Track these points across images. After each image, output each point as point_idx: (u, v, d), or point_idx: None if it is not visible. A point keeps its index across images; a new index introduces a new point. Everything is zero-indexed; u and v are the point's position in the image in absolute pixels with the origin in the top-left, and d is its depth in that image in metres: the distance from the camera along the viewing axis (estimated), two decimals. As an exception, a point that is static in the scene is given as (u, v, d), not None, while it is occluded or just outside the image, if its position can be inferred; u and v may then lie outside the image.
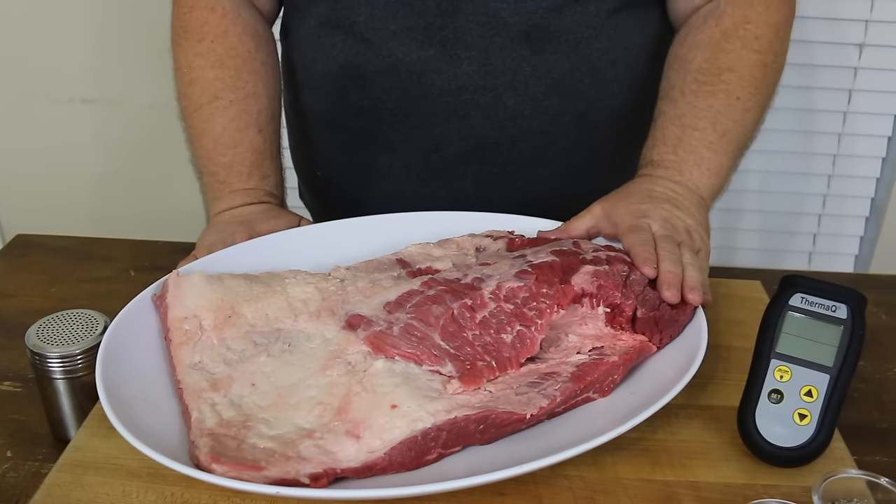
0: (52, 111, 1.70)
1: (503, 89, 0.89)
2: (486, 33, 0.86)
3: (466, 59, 0.87)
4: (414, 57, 0.87)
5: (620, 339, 0.66)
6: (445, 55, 0.87)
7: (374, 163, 0.97)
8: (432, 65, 0.87)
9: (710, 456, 0.63)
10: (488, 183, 0.95)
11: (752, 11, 0.85)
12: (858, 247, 1.72)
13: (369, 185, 0.99)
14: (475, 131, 0.91)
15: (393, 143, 0.94)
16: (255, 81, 0.92)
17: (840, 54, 1.52)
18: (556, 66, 0.88)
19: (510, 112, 0.90)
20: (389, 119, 0.93)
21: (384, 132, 0.94)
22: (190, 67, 0.91)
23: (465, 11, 0.85)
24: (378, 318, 0.67)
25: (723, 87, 0.83)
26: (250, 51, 0.92)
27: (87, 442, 0.65)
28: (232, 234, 0.82)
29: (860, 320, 0.61)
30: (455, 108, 0.90)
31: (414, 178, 0.96)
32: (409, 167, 0.95)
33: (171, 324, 0.68)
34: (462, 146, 0.92)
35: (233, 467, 0.54)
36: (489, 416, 0.58)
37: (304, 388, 0.62)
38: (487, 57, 0.87)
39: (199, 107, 0.91)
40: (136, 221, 1.75)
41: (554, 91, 0.89)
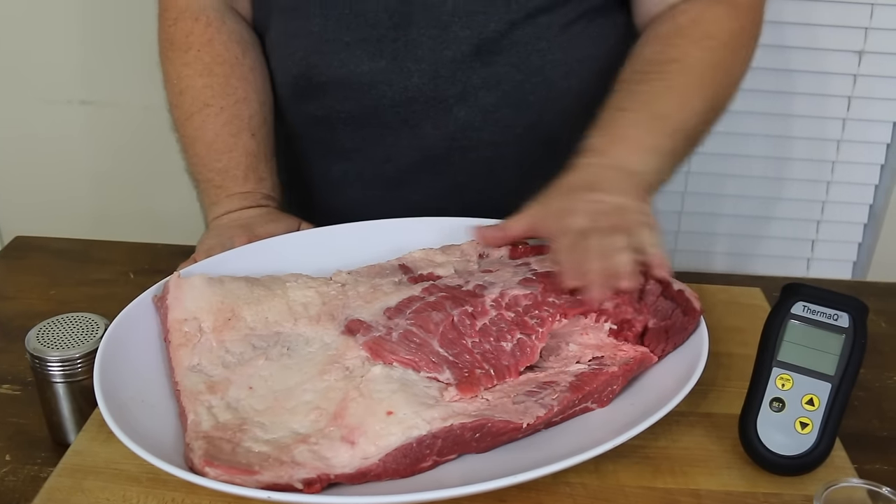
0: (50, 113, 1.70)
1: (453, 101, 0.89)
2: (437, 46, 0.86)
3: (416, 71, 0.87)
4: (365, 68, 0.88)
5: (621, 349, 0.66)
6: (396, 67, 0.87)
7: (330, 171, 0.98)
8: (383, 76, 0.88)
9: (712, 464, 0.63)
10: (440, 193, 0.95)
11: (710, 13, 0.85)
12: (857, 253, 1.72)
13: (327, 192, 1.00)
14: (426, 142, 0.91)
15: (347, 153, 0.95)
16: (244, 87, 0.92)
17: (840, 61, 1.52)
18: (506, 77, 0.88)
19: (460, 124, 0.90)
20: (343, 129, 0.93)
21: (339, 141, 0.95)
22: (179, 78, 0.92)
23: (417, 24, 0.86)
24: (377, 323, 0.67)
25: (664, 75, 0.82)
26: (237, 57, 0.92)
27: (87, 446, 0.64)
28: (231, 238, 0.82)
29: (862, 329, 0.61)
30: (405, 118, 0.90)
31: (368, 186, 0.97)
32: (362, 176, 0.96)
33: (170, 325, 0.68)
34: (413, 156, 0.93)
35: (226, 471, 0.54)
36: (485, 424, 0.58)
37: (300, 393, 0.62)
38: (437, 69, 0.87)
39: (190, 115, 0.91)
40: (134, 223, 1.74)
41: (504, 103, 0.89)
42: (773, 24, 1.50)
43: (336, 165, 0.97)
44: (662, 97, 0.81)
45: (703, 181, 1.65)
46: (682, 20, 0.85)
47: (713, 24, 0.84)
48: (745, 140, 1.60)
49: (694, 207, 1.67)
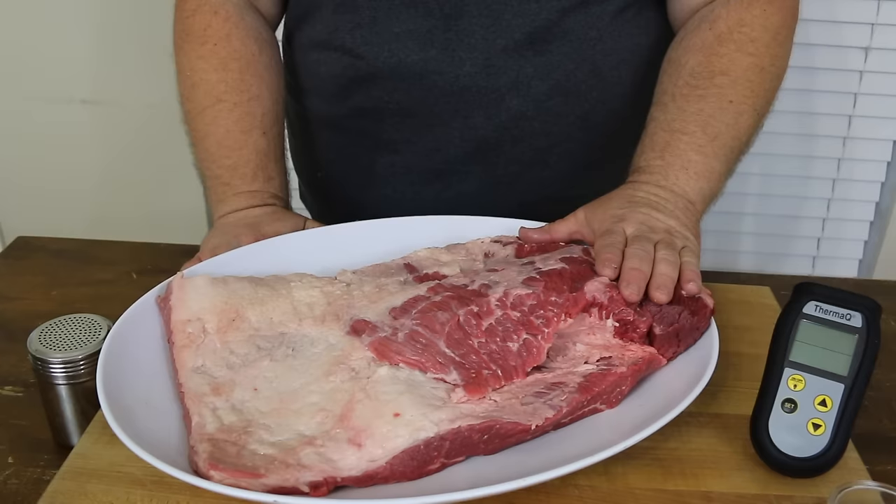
0: (51, 112, 1.69)
1: (505, 90, 0.88)
2: (489, 35, 0.86)
3: (469, 60, 0.87)
4: (416, 58, 0.87)
5: (629, 349, 0.65)
6: (448, 56, 0.87)
7: (376, 164, 0.97)
8: (434, 66, 0.87)
9: (723, 465, 0.62)
10: (490, 184, 0.94)
11: (748, 14, 0.84)
12: (863, 251, 1.71)
13: (371, 186, 0.98)
14: (477, 132, 0.91)
15: (395, 145, 0.94)
16: (258, 84, 0.91)
17: (845, 58, 1.52)
18: (558, 67, 0.88)
19: (512, 113, 0.90)
20: (391, 120, 0.92)
21: (386, 133, 0.94)
22: (193, 71, 0.91)
23: (469, 14, 0.85)
24: (383, 323, 0.66)
25: (714, 90, 0.81)
26: (254, 54, 0.91)
27: (90, 449, 0.64)
28: (237, 237, 0.82)
29: (875, 329, 0.60)
30: (457, 109, 0.89)
31: (415, 179, 0.96)
32: (410, 168, 0.95)
33: (174, 326, 0.67)
34: (464, 147, 0.92)
35: (231, 474, 0.53)
36: (493, 426, 0.57)
37: (306, 394, 0.61)
38: (490, 58, 0.87)
39: (202, 110, 0.90)
40: (137, 222, 1.74)
41: (556, 92, 0.89)
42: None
43: (383, 158, 0.96)
44: (717, 116, 0.80)
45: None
46: (722, 26, 0.84)
47: (755, 27, 0.83)
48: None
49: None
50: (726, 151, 0.81)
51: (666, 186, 0.79)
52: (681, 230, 0.75)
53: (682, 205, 0.78)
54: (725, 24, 0.84)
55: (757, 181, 1.64)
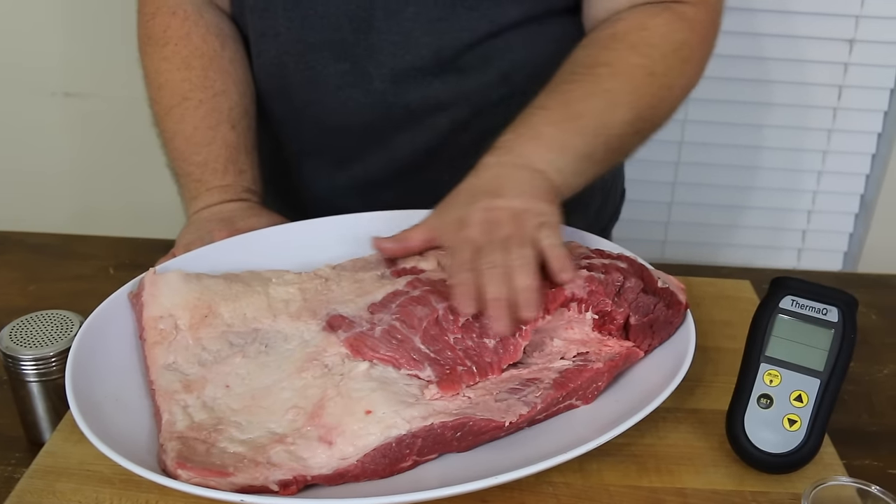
0: (34, 105, 1.68)
1: (415, 105, 0.87)
2: (398, 52, 0.85)
3: (378, 76, 0.86)
4: (331, 71, 0.87)
5: (607, 344, 0.65)
6: (359, 71, 0.86)
7: (300, 170, 0.97)
8: (347, 79, 0.87)
9: (698, 461, 0.62)
10: (410, 194, 0.90)
11: (652, 21, 0.81)
12: (848, 244, 1.71)
13: (295, 191, 0.99)
14: (392, 144, 0.90)
15: (314, 153, 0.95)
16: (223, 79, 0.91)
17: (830, 50, 1.51)
18: (467, 81, 0.87)
19: (424, 127, 0.89)
20: (309, 129, 0.93)
21: (306, 141, 0.94)
22: (157, 72, 0.91)
23: (378, 30, 0.84)
24: (360, 319, 0.65)
25: (590, 77, 0.77)
26: (216, 50, 0.91)
27: (60, 447, 0.63)
28: (210, 232, 0.81)
29: (851, 323, 0.60)
30: (370, 121, 0.89)
31: (336, 186, 0.96)
32: (330, 176, 0.96)
33: (145, 323, 0.66)
34: (381, 158, 0.92)
35: (199, 473, 0.53)
36: (466, 422, 0.57)
37: (278, 391, 0.60)
38: (398, 75, 0.86)
39: (169, 109, 0.90)
40: (118, 217, 1.72)
41: (468, 107, 0.88)
42: (758, 12, 1.48)
43: (305, 162, 0.96)
44: (584, 98, 0.76)
45: (691, 171, 1.63)
46: (621, 26, 0.81)
47: (655, 33, 0.80)
48: (734, 129, 1.59)
49: (683, 197, 1.66)
50: (589, 133, 0.75)
51: (508, 161, 0.73)
52: (529, 206, 0.68)
53: (527, 176, 0.72)
54: (625, 25, 0.81)
55: (742, 173, 1.64)
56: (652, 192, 1.65)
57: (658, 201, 1.67)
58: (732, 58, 1.50)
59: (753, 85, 1.54)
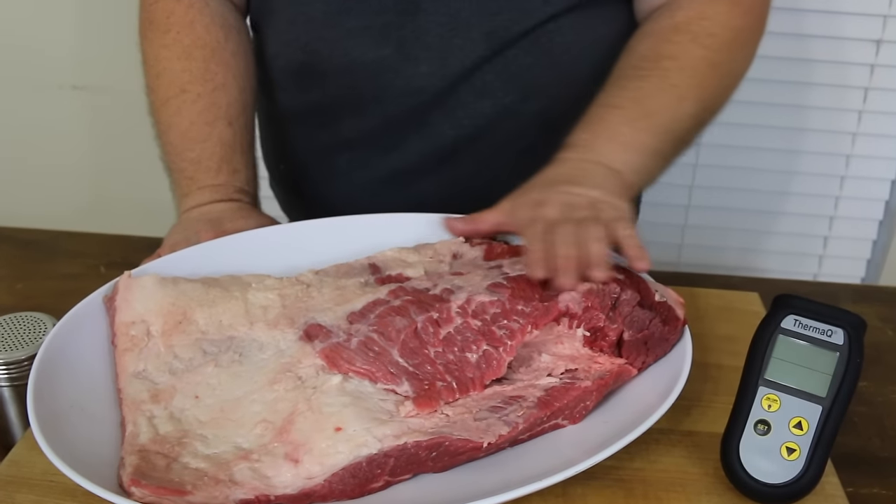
0: (41, 98, 1.67)
1: (461, 89, 0.85)
2: (446, 34, 0.82)
3: (425, 59, 0.83)
4: (370, 57, 0.84)
5: (597, 361, 0.61)
6: (402, 56, 0.83)
7: (335, 160, 0.94)
8: (389, 64, 0.84)
9: (690, 489, 0.58)
10: (448, 183, 0.91)
11: (711, 9, 0.80)
12: (871, 251, 1.66)
13: (329, 182, 0.96)
14: (434, 130, 0.88)
15: (352, 142, 0.91)
16: (224, 73, 0.88)
17: (856, 51, 1.46)
18: (514, 62, 0.84)
19: (468, 111, 0.86)
20: (348, 118, 0.90)
21: (343, 131, 0.91)
22: (157, 60, 0.88)
23: (426, 11, 0.82)
24: (338, 328, 0.62)
25: (658, 72, 0.77)
26: (219, 41, 0.88)
27: (24, 456, 0.61)
28: (197, 233, 0.78)
29: (858, 347, 0.56)
30: (413, 108, 0.86)
31: (374, 177, 0.93)
32: (368, 166, 0.92)
33: (117, 328, 0.64)
34: (420, 146, 0.89)
35: (153, 491, 0.50)
36: (442, 442, 0.54)
37: (248, 403, 0.58)
38: (447, 58, 0.83)
39: (166, 100, 0.87)
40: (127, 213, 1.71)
41: (515, 89, 0.85)
42: (789, 12, 1.43)
43: (340, 155, 0.93)
44: (654, 95, 0.77)
45: (711, 174, 1.59)
46: (681, 16, 0.81)
47: (714, 22, 0.80)
48: (756, 132, 1.54)
49: (702, 201, 1.62)
50: (661, 131, 0.76)
51: (588, 158, 0.74)
52: (607, 198, 0.69)
53: (605, 172, 0.73)
54: (685, 14, 0.80)
55: (763, 177, 1.59)
56: (669, 195, 1.61)
57: (675, 204, 1.63)
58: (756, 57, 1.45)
59: (776, 86, 1.50)
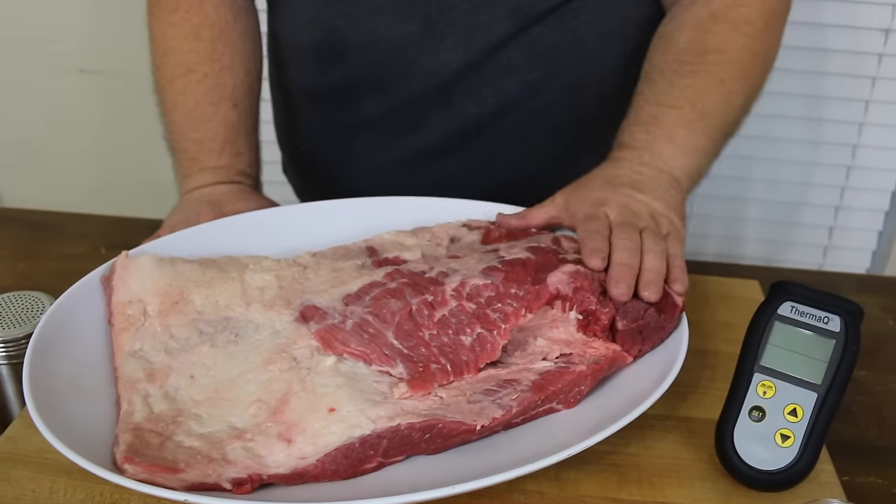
0: (49, 82, 1.67)
1: (485, 66, 0.84)
2: (472, 10, 0.81)
3: (450, 35, 0.82)
4: (395, 33, 0.83)
5: (592, 346, 0.61)
6: (428, 31, 0.82)
7: (355, 141, 0.93)
8: (414, 41, 0.83)
9: (684, 474, 0.58)
10: (471, 162, 0.90)
11: None
12: (876, 242, 1.65)
13: (349, 163, 0.95)
14: (457, 108, 0.87)
15: (373, 122, 0.90)
16: (231, 53, 0.87)
17: (862, 41, 1.45)
18: (539, 39, 0.83)
19: (493, 89, 0.85)
20: (369, 97, 0.88)
21: (364, 110, 0.90)
22: (164, 38, 0.87)
23: None
24: (334, 310, 0.62)
25: (706, 67, 0.77)
26: (227, 21, 0.87)
27: (21, 433, 0.61)
28: (197, 215, 0.78)
29: (854, 334, 0.56)
30: (437, 85, 0.85)
31: (394, 158, 0.92)
32: (389, 146, 0.91)
33: (114, 308, 0.64)
34: (443, 125, 0.88)
35: (146, 468, 0.50)
36: (435, 424, 0.54)
37: (243, 383, 0.58)
38: (472, 34, 0.82)
39: (171, 79, 0.87)
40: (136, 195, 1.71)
41: (540, 66, 0.85)
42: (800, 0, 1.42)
43: (360, 136, 0.92)
44: (706, 93, 0.77)
45: (716, 163, 1.57)
46: (717, 4, 0.80)
47: (751, 8, 0.79)
48: (760, 120, 1.53)
49: (707, 190, 1.61)
50: (714, 130, 0.77)
51: (649, 163, 0.74)
52: (665, 213, 0.70)
53: (667, 182, 0.73)
54: (721, 2, 0.80)
55: (766, 166, 1.58)
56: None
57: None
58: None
59: (782, 74, 1.48)
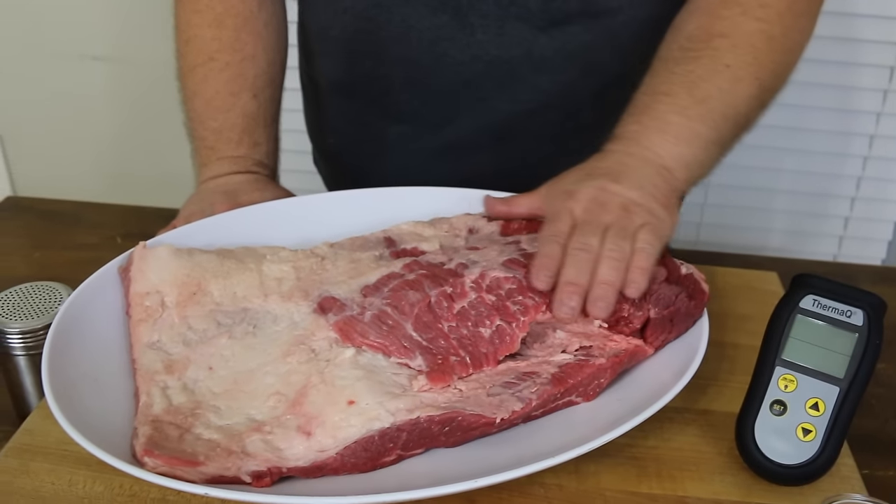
0: (62, 69, 1.66)
1: (518, 61, 0.83)
2: (503, 2, 0.80)
3: (481, 27, 0.81)
4: (426, 24, 0.82)
5: (612, 339, 0.61)
6: (459, 23, 0.81)
7: (385, 134, 0.92)
8: (445, 32, 0.82)
9: (703, 468, 0.58)
10: (502, 159, 0.89)
11: None
12: (893, 232, 1.63)
13: (380, 156, 0.94)
14: (489, 104, 0.86)
15: (404, 115, 0.90)
16: (254, 43, 0.87)
17: (881, 29, 1.43)
18: (575, 38, 0.82)
19: (526, 86, 0.84)
20: (401, 89, 0.88)
21: (396, 103, 0.89)
22: (188, 25, 0.87)
23: None
24: (352, 301, 0.62)
25: (709, 52, 0.72)
26: (252, 10, 0.87)
27: (39, 425, 0.61)
28: (212, 205, 0.78)
29: (877, 328, 0.55)
30: (469, 79, 0.84)
31: (425, 151, 0.91)
32: (420, 140, 0.90)
33: (132, 299, 0.64)
34: (475, 120, 0.87)
35: (166, 461, 0.50)
36: (455, 417, 0.53)
37: (262, 375, 0.58)
38: (503, 27, 0.81)
39: (193, 67, 0.87)
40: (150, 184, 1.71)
41: (573, 64, 0.83)
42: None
43: (392, 127, 0.91)
44: (707, 78, 0.71)
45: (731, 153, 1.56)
46: None
47: None
48: (777, 110, 1.50)
49: (721, 180, 1.60)
50: (716, 117, 0.71)
51: (636, 153, 0.69)
52: (643, 202, 0.65)
53: (652, 171, 0.68)
54: None
55: (784, 156, 1.57)
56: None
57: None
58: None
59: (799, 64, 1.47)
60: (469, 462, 0.54)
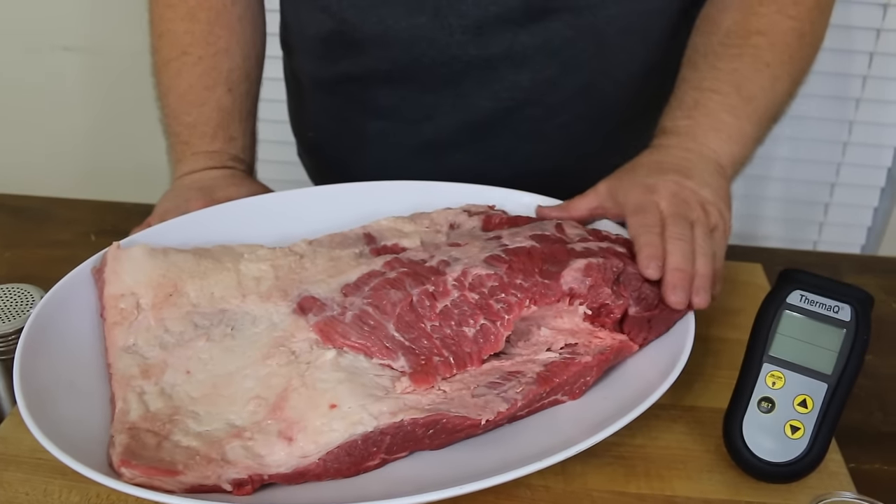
0: (33, 60, 1.63)
1: (499, 60, 0.82)
2: (482, 2, 0.78)
3: (460, 28, 0.80)
4: (403, 24, 0.81)
5: (598, 336, 0.60)
6: (437, 23, 0.80)
7: (365, 129, 0.91)
8: (424, 33, 0.81)
9: (691, 466, 0.57)
10: (482, 157, 0.88)
11: None
12: (872, 218, 1.64)
13: (360, 150, 0.93)
14: (469, 102, 0.85)
15: (384, 112, 0.89)
16: (227, 37, 0.85)
17: (863, 15, 1.43)
18: (556, 34, 0.81)
19: (506, 84, 0.83)
20: (380, 87, 0.87)
21: (375, 100, 0.88)
22: (161, 20, 0.86)
23: None
24: (333, 301, 0.61)
25: (750, 50, 0.75)
26: (225, 4, 0.85)
27: (11, 433, 0.60)
28: (187, 201, 0.76)
29: (865, 324, 0.55)
30: (448, 78, 0.83)
31: (405, 148, 0.90)
32: (399, 135, 0.90)
33: (106, 301, 0.62)
34: (455, 117, 0.86)
35: (144, 472, 0.49)
36: (439, 420, 0.52)
37: (241, 379, 0.56)
38: (482, 26, 0.80)
39: (167, 62, 0.85)
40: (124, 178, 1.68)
41: (554, 62, 0.82)
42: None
43: (372, 123, 0.90)
44: (751, 78, 0.74)
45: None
46: None
47: None
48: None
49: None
50: (759, 116, 0.75)
51: (694, 149, 0.72)
52: (714, 202, 0.69)
53: (713, 169, 0.71)
54: None
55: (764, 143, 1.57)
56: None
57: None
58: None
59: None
60: (454, 465, 0.53)
